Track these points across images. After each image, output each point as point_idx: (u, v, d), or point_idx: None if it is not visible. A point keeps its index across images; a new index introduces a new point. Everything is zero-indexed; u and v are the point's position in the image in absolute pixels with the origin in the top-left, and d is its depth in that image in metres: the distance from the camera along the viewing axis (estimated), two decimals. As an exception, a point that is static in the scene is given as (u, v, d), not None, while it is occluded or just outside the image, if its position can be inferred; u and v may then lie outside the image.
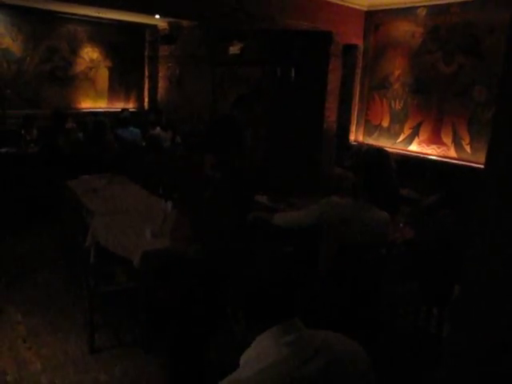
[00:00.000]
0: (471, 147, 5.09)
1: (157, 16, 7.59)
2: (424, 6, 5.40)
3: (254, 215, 3.53)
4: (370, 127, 6.15)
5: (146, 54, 9.34)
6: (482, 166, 4.82)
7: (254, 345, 1.20)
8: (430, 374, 3.12)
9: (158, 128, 7.39)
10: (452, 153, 5.26)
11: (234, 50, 7.26)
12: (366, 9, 5.96)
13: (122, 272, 3.48)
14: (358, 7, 5.88)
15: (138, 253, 3.09)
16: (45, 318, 3.56)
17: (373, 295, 3.24)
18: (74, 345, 3.25)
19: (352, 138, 6.34)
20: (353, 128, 6.32)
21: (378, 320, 3.40)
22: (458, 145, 5.21)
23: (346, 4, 5.72)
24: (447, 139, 5.30)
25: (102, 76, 8.77)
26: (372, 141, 6.09)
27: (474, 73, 5.02)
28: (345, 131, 6.33)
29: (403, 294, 3.79)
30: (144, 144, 7.06)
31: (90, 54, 8.54)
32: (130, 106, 9.25)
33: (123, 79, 9.06)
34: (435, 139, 5.41)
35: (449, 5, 5.15)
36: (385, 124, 5.95)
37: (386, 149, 5.76)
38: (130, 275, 3.36)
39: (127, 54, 9.00)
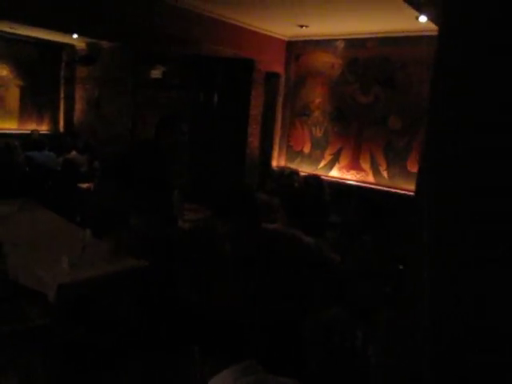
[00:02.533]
0: (388, 173, 5.33)
1: (75, 35, 7.32)
2: (342, 40, 5.65)
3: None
4: (292, 153, 6.27)
5: (63, 74, 8.95)
6: (398, 191, 5.05)
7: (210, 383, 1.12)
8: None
9: (74, 152, 7.04)
10: (370, 178, 5.48)
11: (156, 73, 7.16)
12: (287, 39, 6.13)
13: (32, 307, 3.19)
14: (279, 37, 6.04)
15: (53, 285, 2.85)
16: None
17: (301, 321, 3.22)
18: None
19: (274, 163, 6.42)
20: (275, 154, 6.41)
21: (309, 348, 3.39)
22: (375, 170, 5.44)
23: (269, 33, 5.85)
24: (366, 165, 5.52)
25: (13, 95, 8.25)
26: (294, 166, 6.20)
27: (388, 103, 5.31)
28: (267, 157, 6.40)
29: (329, 319, 3.82)
30: (59, 168, 6.71)
31: (-2, 71, 8.02)
32: (44, 128, 8.77)
33: (36, 100, 8.58)
34: (355, 165, 5.62)
35: (365, 40, 5.44)
36: (306, 150, 6.09)
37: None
38: (43, 310, 3.08)
39: (41, 73, 8.56)
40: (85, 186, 5.91)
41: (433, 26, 4.20)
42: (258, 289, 3.07)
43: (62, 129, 9.05)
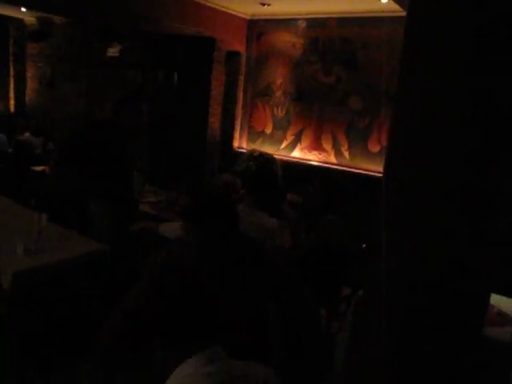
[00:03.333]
0: (349, 153, 5.37)
1: (23, 9, 6.94)
2: (304, 19, 5.60)
3: (138, 226, 3.34)
4: (254, 134, 6.22)
5: (11, 51, 8.49)
6: (359, 171, 5.11)
7: (173, 375, 1.08)
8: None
9: (28, 133, 6.75)
10: (332, 158, 5.51)
11: (113, 51, 6.91)
12: (248, 17, 6.02)
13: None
14: (241, 15, 5.92)
15: (8, 273, 2.72)
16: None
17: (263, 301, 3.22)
18: None
19: (236, 144, 6.36)
20: (236, 134, 6.34)
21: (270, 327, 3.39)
22: (337, 151, 5.47)
23: (230, 11, 5.72)
24: (327, 145, 5.54)
25: (-43, 74, 7.80)
26: (256, 147, 6.15)
27: (350, 83, 5.32)
28: (228, 138, 6.33)
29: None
30: (11, 151, 6.42)
31: None
32: (-7, 108, 8.35)
33: (-17, 78, 8.14)
34: (316, 145, 5.63)
35: (327, 19, 5.40)
36: (268, 131, 6.05)
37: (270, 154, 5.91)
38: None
39: (-13, 49, 8.11)
40: (39, 168, 5.69)
41: (394, 7, 4.20)
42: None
43: (12, 109, 8.64)
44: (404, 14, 4.12)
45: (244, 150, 6.19)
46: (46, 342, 3.06)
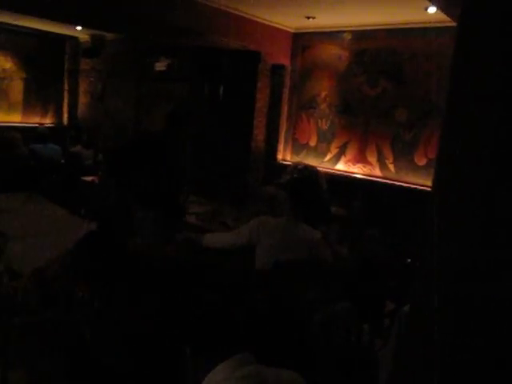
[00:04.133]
0: (395, 166, 5.28)
1: (78, 27, 7.27)
2: (349, 31, 5.58)
3: (183, 236, 3.40)
4: (298, 146, 6.22)
5: (66, 67, 8.90)
6: (404, 185, 5.00)
7: (206, 381, 1.09)
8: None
9: (79, 146, 7.01)
10: (377, 171, 5.43)
11: (161, 66, 7.11)
12: (293, 31, 6.06)
13: (38, 301, 3.16)
14: (285, 28, 5.97)
15: (58, 278, 2.82)
16: None
17: (305, 314, 3.20)
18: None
19: (280, 156, 6.37)
20: (280, 147, 6.36)
21: (312, 341, 3.36)
22: (382, 164, 5.39)
23: (274, 25, 5.78)
24: (372, 158, 5.46)
25: (16, 88, 8.21)
26: (300, 159, 6.14)
27: (395, 96, 5.24)
28: (273, 150, 6.35)
29: (335, 313, 3.80)
30: (63, 161, 6.67)
31: (1, 63, 7.97)
32: (48, 121, 8.73)
33: (40, 92, 8.54)
34: (361, 158, 5.56)
35: (373, 31, 5.36)
36: (312, 143, 6.04)
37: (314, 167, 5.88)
38: (48, 304, 3.05)
39: (45, 66, 8.51)
40: (89, 179, 5.89)
41: (442, 17, 4.13)
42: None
43: (66, 122, 9.02)
44: (453, 24, 4.05)
45: (288, 163, 6.19)
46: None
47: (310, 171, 4.69)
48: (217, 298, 1.21)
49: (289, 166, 5.60)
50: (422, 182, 5.00)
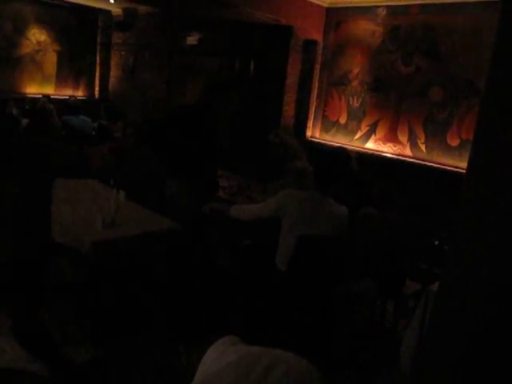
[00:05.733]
0: (426, 146, 5.17)
1: (111, 0, 7.28)
2: (384, 6, 5.43)
3: (209, 207, 3.41)
4: (328, 123, 6.14)
5: (99, 40, 8.96)
6: (436, 165, 4.89)
7: (203, 361, 1.11)
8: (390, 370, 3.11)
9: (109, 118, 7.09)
10: (408, 151, 5.32)
11: (192, 40, 7.09)
12: (327, 5, 5.94)
13: (67, 263, 3.25)
14: (319, 3, 5.85)
15: (87, 242, 2.89)
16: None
17: (330, 290, 3.19)
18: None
19: (309, 133, 6.31)
20: (310, 124, 6.29)
21: (335, 316, 3.36)
22: (413, 143, 5.28)
23: (308, -1, 5.68)
24: (403, 138, 5.36)
25: (50, 60, 8.33)
26: (329, 137, 6.09)
27: (430, 74, 5.10)
28: (302, 126, 6.29)
29: (358, 291, 3.78)
30: (93, 133, 6.77)
31: (36, 35, 8.08)
32: (80, 93, 8.85)
33: (73, 65, 8.65)
34: (392, 137, 5.46)
35: (408, 6, 5.21)
36: (342, 121, 5.96)
37: (344, 145, 5.81)
38: (77, 267, 3.14)
39: (78, 38, 8.60)
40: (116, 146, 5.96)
41: (483, -9, 3.98)
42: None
43: (97, 95, 9.12)
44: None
45: (317, 140, 6.15)
46: (116, 311, 3.22)
47: (339, 149, 4.63)
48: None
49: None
50: (454, 163, 4.89)
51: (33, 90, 8.15)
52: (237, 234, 3.69)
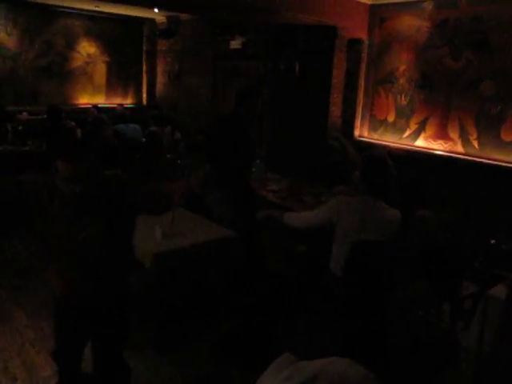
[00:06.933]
0: (479, 142, 5.04)
1: (155, 10, 7.47)
2: (430, 0, 5.32)
3: (264, 213, 3.48)
4: (375, 122, 6.08)
5: (144, 48, 9.22)
6: (490, 162, 4.78)
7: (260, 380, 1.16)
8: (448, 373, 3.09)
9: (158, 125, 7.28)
10: (459, 148, 5.21)
11: (236, 44, 7.18)
12: (370, 2, 5.87)
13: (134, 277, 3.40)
14: (362, 1, 5.80)
15: (149, 254, 3.02)
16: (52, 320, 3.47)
17: (386, 295, 3.19)
18: (84, 348, 3.17)
19: (357, 133, 6.27)
20: (357, 123, 6.25)
21: (391, 320, 3.36)
22: (465, 140, 5.16)
23: (351, -3, 5.63)
24: (454, 134, 5.24)
25: (100, 71, 8.65)
26: (377, 136, 6.03)
27: (481, 68, 4.96)
28: (349, 126, 6.26)
29: (413, 293, 3.76)
30: (144, 140, 6.98)
31: (86, 48, 8.41)
32: (128, 101, 9.14)
33: (121, 74, 8.94)
34: (442, 134, 5.36)
35: (456, -2, 5.08)
36: (390, 119, 5.88)
37: (392, 144, 5.75)
38: (141, 277, 3.28)
39: (125, 48, 8.88)
40: (168, 156, 6.15)
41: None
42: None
43: (145, 102, 9.38)
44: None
45: (366, 139, 6.10)
46: (178, 317, 3.35)
47: (378, 151, 4.56)
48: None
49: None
50: (510, 158, 4.75)
51: (84, 100, 8.49)
52: (291, 240, 3.75)
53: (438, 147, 5.39)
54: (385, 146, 5.70)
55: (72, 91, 8.39)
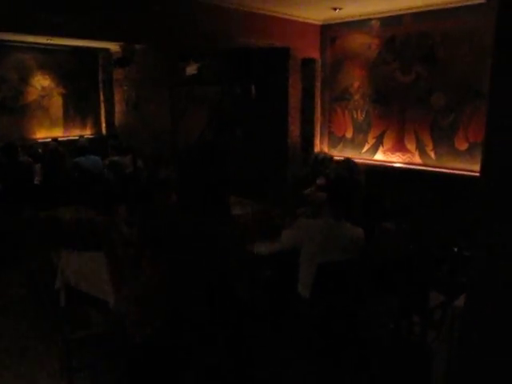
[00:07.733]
0: (435, 153, 5.17)
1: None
2: (377, 19, 5.48)
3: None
4: (334, 139, 6.17)
5: (100, 78, 9.12)
6: (446, 171, 4.89)
7: None
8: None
9: (118, 154, 7.18)
10: (417, 159, 5.33)
11: (191, 70, 7.18)
12: (320, 23, 6.01)
13: (97, 313, 3.29)
14: (312, 22, 5.92)
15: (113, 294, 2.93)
16: (19, 368, 3.32)
17: (354, 311, 3.20)
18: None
19: (317, 150, 6.35)
20: (317, 141, 6.33)
21: (361, 336, 3.36)
22: (422, 151, 5.29)
23: (302, 20, 5.74)
24: (411, 146, 5.37)
25: (56, 103, 8.49)
26: (337, 152, 6.11)
27: (431, 80, 5.12)
28: (309, 144, 6.33)
29: (381, 308, 3.78)
30: (105, 170, 6.85)
31: (41, 81, 8.24)
32: (88, 132, 8.99)
33: (78, 105, 8.80)
34: (399, 147, 5.48)
35: (401, 16, 5.25)
36: (348, 135, 5.98)
37: (352, 159, 5.82)
38: (107, 316, 3.18)
39: (81, 79, 8.75)
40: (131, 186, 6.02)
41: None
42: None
43: (104, 131, 9.26)
44: (483, 0, 3.91)
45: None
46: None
47: (346, 164, 4.62)
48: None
49: (310, 157, 5.53)
50: (465, 166, 4.89)
51: (42, 134, 8.30)
52: (256, 266, 3.72)
53: (397, 159, 5.50)
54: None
55: (29, 125, 8.19)
